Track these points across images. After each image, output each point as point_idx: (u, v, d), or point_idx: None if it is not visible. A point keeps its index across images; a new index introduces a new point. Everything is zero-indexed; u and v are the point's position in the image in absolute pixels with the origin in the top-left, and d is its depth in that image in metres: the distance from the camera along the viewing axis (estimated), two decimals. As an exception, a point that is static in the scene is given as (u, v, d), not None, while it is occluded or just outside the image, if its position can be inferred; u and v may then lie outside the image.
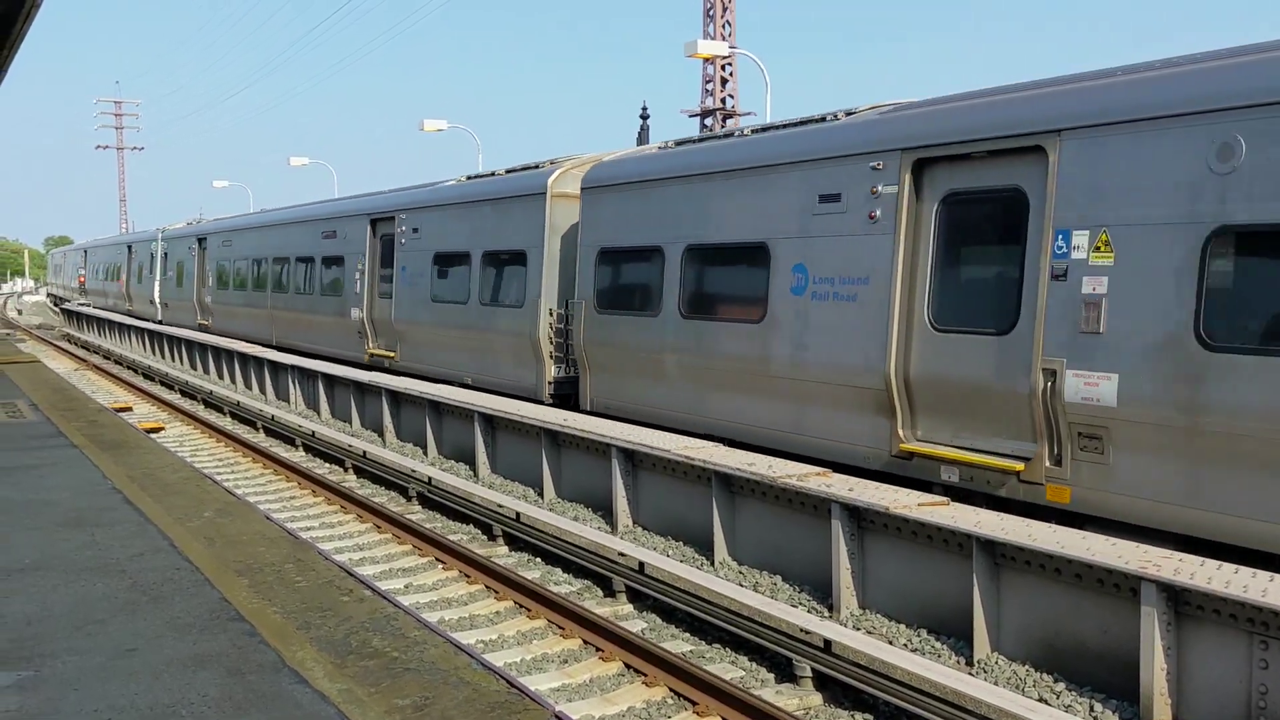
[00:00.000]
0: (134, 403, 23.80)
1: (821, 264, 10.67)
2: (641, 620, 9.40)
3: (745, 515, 10.56)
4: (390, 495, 14.69)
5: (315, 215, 23.98)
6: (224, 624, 5.64)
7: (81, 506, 8.38)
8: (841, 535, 9.10)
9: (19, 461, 10.31)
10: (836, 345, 10.51)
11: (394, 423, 17.98)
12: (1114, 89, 8.52)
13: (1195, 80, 8.01)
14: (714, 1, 34.07)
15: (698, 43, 24.47)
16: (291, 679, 4.87)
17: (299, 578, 6.49)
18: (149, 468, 10.10)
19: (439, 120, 34.60)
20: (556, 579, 10.63)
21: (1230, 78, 7.79)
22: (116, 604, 5.99)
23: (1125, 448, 8.15)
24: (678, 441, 11.59)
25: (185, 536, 7.45)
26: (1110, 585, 7.34)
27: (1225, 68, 7.93)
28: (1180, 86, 8.05)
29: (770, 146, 11.64)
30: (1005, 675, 7.71)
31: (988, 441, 9.26)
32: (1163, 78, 8.31)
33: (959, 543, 8.34)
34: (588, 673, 8.12)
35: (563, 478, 13.50)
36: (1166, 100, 8.03)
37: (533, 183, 15.77)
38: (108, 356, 36.31)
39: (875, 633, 8.64)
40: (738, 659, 8.40)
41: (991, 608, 8.02)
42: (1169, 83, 8.17)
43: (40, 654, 5.24)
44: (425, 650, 5.25)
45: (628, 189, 13.73)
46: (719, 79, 34.33)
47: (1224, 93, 7.71)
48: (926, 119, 9.93)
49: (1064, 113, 8.69)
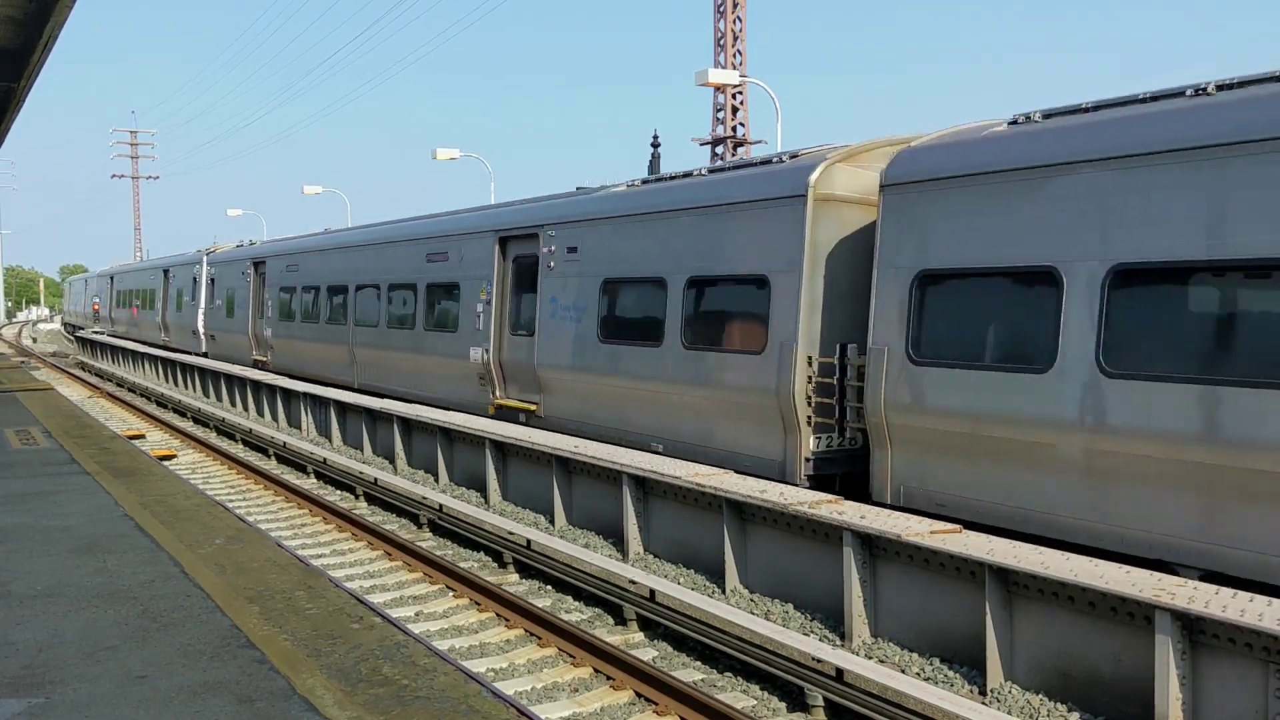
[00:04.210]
0: (147, 430, 23.88)
1: None
2: (653, 648, 9.35)
3: (757, 543, 10.53)
4: (401, 522, 14.68)
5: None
6: (234, 651, 5.64)
7: (93, 533, 8.40)
8: (853, 563, 9.06)
9: (33, 488, 10.35)
10: None
11: (405, 449, 17.99)
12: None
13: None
14: (725, 30, 34.26)
15: (709, 71, 24.61)
16: (301, 706, 4.86)
17: (309, 605, 6.49)
18: (161, 494, 10.12)
19: (451, 149, 34.88)
20: (567, 606, 10.60)
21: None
22: (127, 630, 5.99)
23: None
24: (689, 468, 11.57)
25: (196, 563, 7.46)
26: (1124, 614, 7.29)
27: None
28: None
29: None
30: (1019, 704, 7.65)
31: None
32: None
33: (971, 570, 8.30)
34: (599, 701, 8.08)
35: (574, 505, 13.48)
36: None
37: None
38: (121, 384, 36.46)
39: (887, 661, 8.59)
40: (749, 688, 8.35)
41: (1004, 636, 7.97)
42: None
43: (51, 680, 5.24)
44: (435, 678, 5.23)
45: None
46: (730, 107, 34.48)
47: None
48: None
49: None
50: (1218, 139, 7.86)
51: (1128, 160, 8.41)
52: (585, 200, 15.35)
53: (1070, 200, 8.79)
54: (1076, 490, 8.66)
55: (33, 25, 11.75)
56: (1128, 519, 8.31)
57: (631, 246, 13.84)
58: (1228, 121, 7.88)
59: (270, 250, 27.99)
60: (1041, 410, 8.86)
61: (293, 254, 26.12)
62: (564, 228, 15.25)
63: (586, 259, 14.69)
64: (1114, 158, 8.51)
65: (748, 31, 34.97)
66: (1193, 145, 8.00)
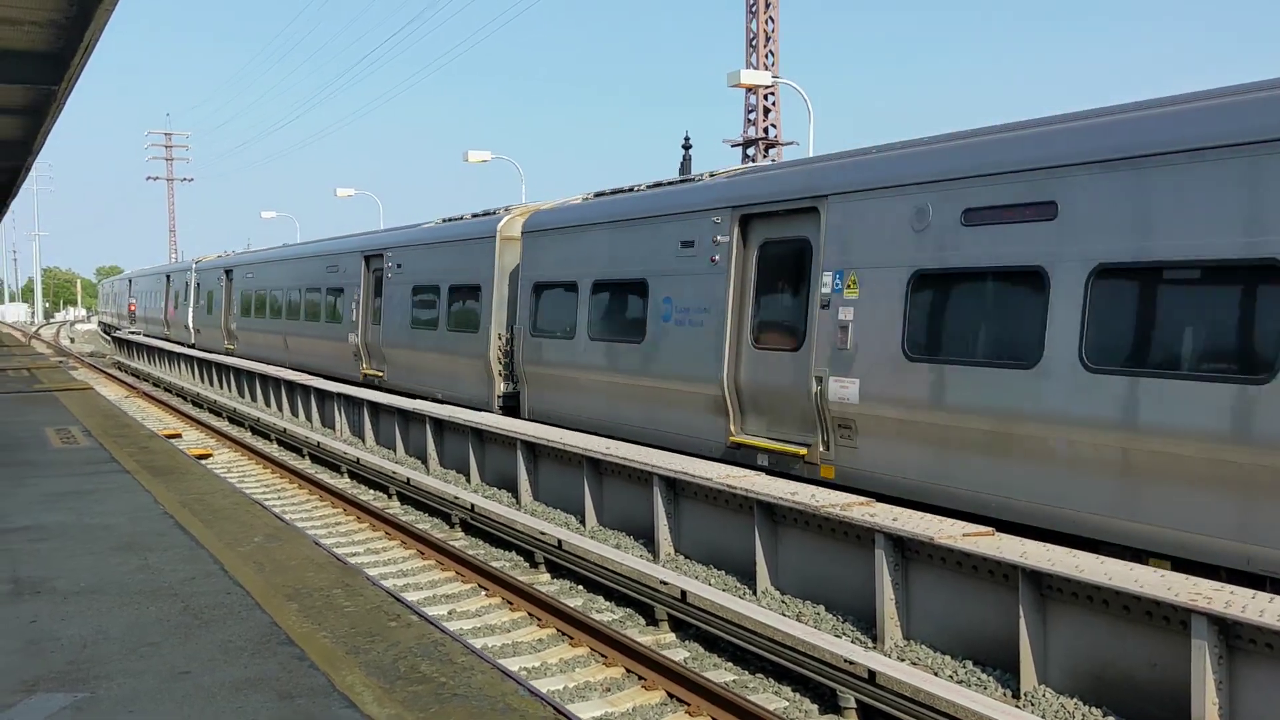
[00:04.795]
0: (183, 429, 24.16)
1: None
2: (684, 649, 9.39)
3: (788, 544, 10.54)
4: (434, 522, 14.80)
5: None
6: (274, 648, 5.72)
7: (134, 531, 8.53)
8: (885, 565, 9.06)
9: (74, 487, 10.51)
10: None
11: (438, 450, 18.13)
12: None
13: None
14: (757, 31, 34.24)
15: (740, 72, 24.62)
16: (341, 703, 4.93)
17: (347, 603, 6.57)
18: (199, 493, 10.25)
19: (483, 151, 35.03)
20: (599, 607, 10.65)
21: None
22: (169, 627, 6.09)
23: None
24: (719, 470, 11.60)
25: (235, 561, 7.56)
26: (1159, 618, 7.26)
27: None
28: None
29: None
30: (1053, 708, 7.63)
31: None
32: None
33: (1004, 573, 8.28)
34: (630, 701, 8.13)
35: (604, 505, 13.54)
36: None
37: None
38: (157, 384, 36.87)
39: (920, 664, 8.59)
40: (781, 689, 8.37)
41: (1038, 639, 7.96)
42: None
43: (96, 675, 5.34)
44: (472, 676, 5.29)
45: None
46: (761, 108, 34.45)
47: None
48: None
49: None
50: (647, 212, 14.32)
51: (607, 224, 14.99)
52: (405, 232, 22.61)
53: (586, 245, 15.37)
54: (597, 400, 15.07)
55: (73, 30, 11.94)
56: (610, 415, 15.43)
57: (426, 265, 20.57)
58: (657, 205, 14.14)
59: (237, 261, 34.91)
60: (574, 360, 15.48)
61: (250, 264, 33.11)
62: (395, 250, 22.02)
63: (406, 272, 21.42)
64: (599, 224, 15.17)
65: (780, 31, 34.87)
66: (639, 216, 14.38)
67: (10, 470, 11.43)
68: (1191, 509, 7.79)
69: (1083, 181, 8.60)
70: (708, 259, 12.66)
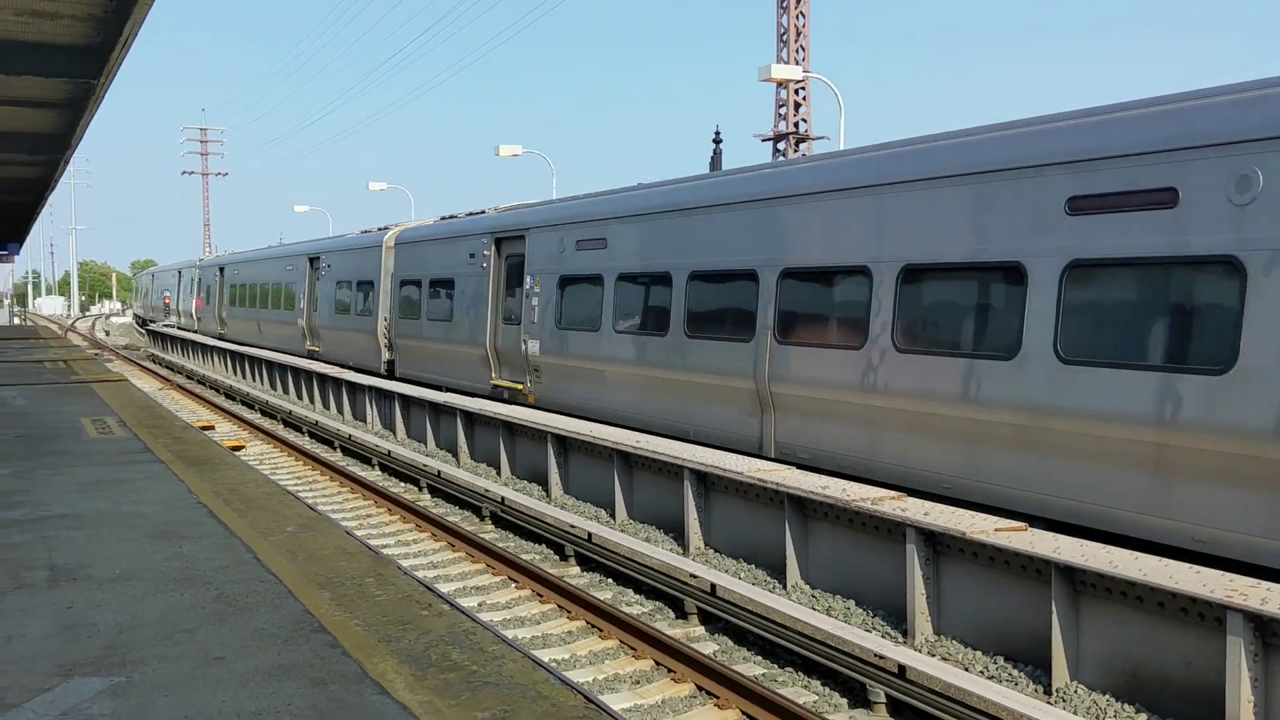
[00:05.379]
0: (216, 421, 24.37)
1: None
2: (713, 642, 9.39)
3: (818, 538, 10.52)
4: (464, 514, 14.86)
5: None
6: (307, 635, 5.77)
7: (169, 520, 8.62)
8: (916, 559, 9.02)
9: (110, 476, 10.64)
10: None
11: (468, 443, 18.20)
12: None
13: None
14: (788, 26, 34.13)
15: (771, 67, 24.53)
16: (374, 690, 4.97)
17: (379, 592, 6.61)
18: (232, 483, 10.34)
19: (514, 145, 35.07)
20: (628, 600, 10.66)
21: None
22: (204, 614, 6.15)
23: None
24: (750, 464, 11.59)
25: (268, 550, 7.63)
26: (1194, 614, 7.19)
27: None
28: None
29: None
30: (1085, 705, 7.57)
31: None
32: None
33: (1037, 569, 8.23)
34: (660, 694, 8.14)
35: (634, 499, 13.56)
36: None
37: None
38: (190, 376, 37.22)
39: (950, 659, 8.54)
40: (810, 683, 8.35)
41: (1070, 635, 7.90)
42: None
43: (132, 660, 5.40)
44: (503, 665, 5.32)
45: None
46: (792, 103, 34.33)
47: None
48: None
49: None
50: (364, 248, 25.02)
51: (433, 241, 22.17)
52: (330, 241, 29.97)
53: (428, 254, 22.00)
54: (467, 367, 20.77)
55: (113, 23, 12.05)
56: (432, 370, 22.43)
57: (343, 266, 27.10)
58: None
59: (227, 260, 41.88)
60: (419, 334, 22.20)
61: (233, 264, 40.12)
62: (325, 255, 28.81)
63: (332, 271, 27.94)
64: (430, 240, 22.37)
65: (811, 26, 34.70)
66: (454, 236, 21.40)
67: (48, 460, 11.59)
68: (927, 455, 10.23)
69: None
70: (478, 266, 19.65)
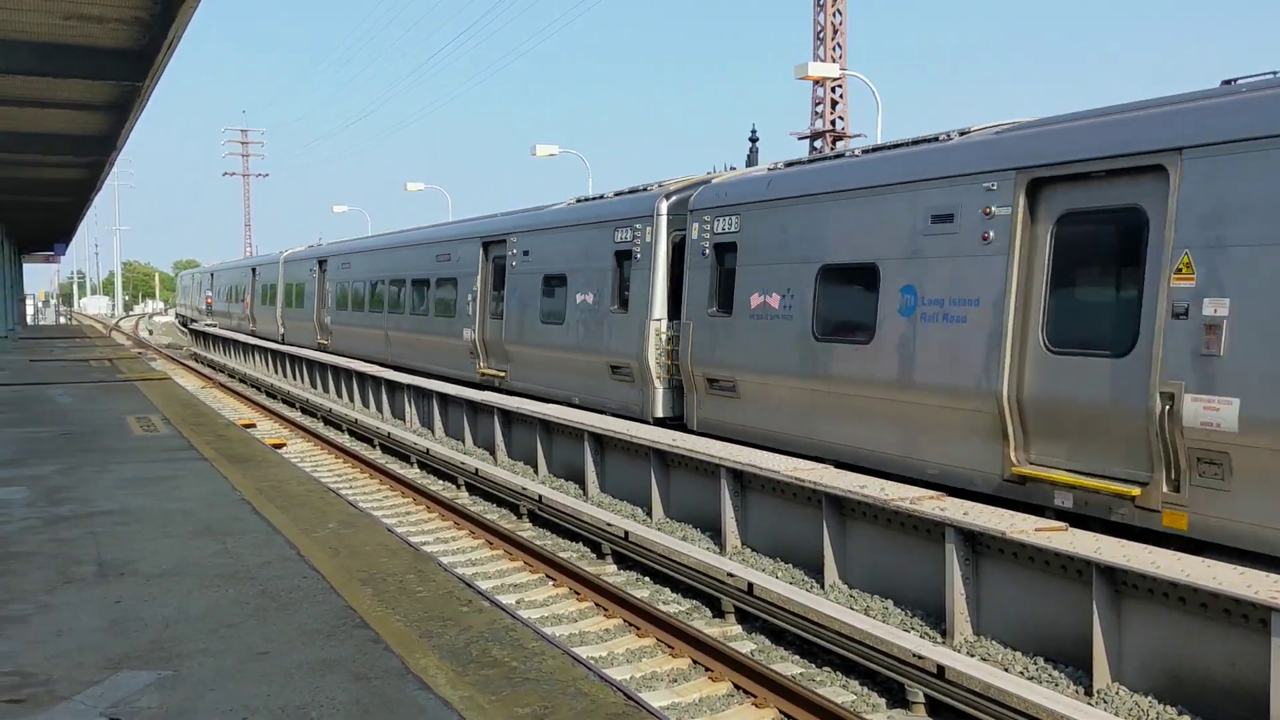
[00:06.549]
0: (258, 419, 24.63)
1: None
2: (750, 641, 9.39)
3: (856, 538, 10.49)
4: (502, 512, 14.94)
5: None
6: (349, 631, 5.84)
7: (212, 516, 8.74)
8: (955, 560, 8.98)
9: (155, 473, 10.79)
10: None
11: (505, 441, 18.29)
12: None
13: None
14: (824, 24, 34.01)
15: (808, 65, 24.47)
16: (415, 685, 5.03)
17: (420, 588, 6.68)
18: (274, 480, 10.46)
19: (550, 145, 35.19)
20: (665, 598, 10.68)
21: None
22: (248, 609, 6.24)
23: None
24: (787, 463, 11.57)
25: (311, 546, 7.72)
26: (1238, 616, 7.11)
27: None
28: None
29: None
30: (1126, 707, 7.51)
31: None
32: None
33: (1078, 569, 8.16)
34: (697, 692, 8.15)
35: (671, 497, 13.57)
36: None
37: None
38: (232, 375, 37.65)
39: (990, 659, 8.50)
40: (848, 683, 8.33)
41: (1112, 636, 7.83)
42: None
43: (178, 654, 5.49)
44: (543, 661, 5.36)
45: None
46: (829, 101, 34.22)
47: None
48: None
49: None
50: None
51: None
52: (331, 247, 33.78)
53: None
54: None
55: (157, 27, 12.22)
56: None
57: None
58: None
59: (219, 266, 53.17)
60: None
61: (223, 270, 51.67)
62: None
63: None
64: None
65: (848, 24, 34.63)
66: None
67: (94, 456, 11.77)
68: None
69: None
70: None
